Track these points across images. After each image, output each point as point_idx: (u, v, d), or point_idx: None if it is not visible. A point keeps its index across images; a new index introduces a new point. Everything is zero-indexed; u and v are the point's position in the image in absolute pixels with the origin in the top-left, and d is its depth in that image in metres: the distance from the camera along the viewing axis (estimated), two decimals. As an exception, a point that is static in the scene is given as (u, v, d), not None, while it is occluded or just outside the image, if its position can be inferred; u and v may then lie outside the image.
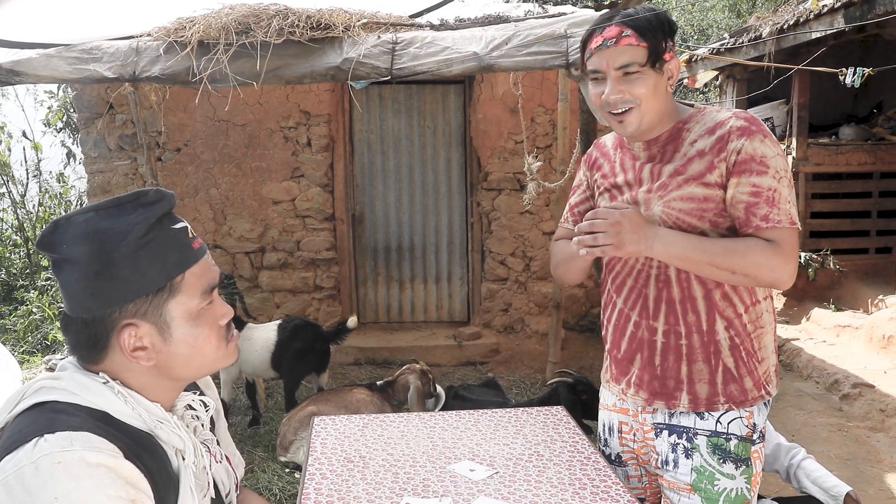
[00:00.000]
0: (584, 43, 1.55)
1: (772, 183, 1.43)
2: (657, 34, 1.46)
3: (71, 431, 0.94)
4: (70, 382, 1.02)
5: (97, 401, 1.01)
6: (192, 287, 1.07)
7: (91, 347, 1.04)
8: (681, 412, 1.57)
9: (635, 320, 1.61)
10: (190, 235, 1.09)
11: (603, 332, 1.75)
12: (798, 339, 5.73)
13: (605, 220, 1.41)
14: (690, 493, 1.56)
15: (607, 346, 1.72)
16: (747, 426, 1.55)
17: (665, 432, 1.60)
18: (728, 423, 1.54)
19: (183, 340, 1.07)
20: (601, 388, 1.80)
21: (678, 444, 1.58)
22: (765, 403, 1.58)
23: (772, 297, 1.61)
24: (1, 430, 0.99)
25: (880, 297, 5.92)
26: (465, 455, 1.65)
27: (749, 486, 1.55)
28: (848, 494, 2.03)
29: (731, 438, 1.54)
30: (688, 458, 1.56)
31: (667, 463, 1.60)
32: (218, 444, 1.30)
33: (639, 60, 1.46)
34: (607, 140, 1.73)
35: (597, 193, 1.71)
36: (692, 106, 1.59)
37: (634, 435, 1.67)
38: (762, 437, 1.59)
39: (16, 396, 1.03)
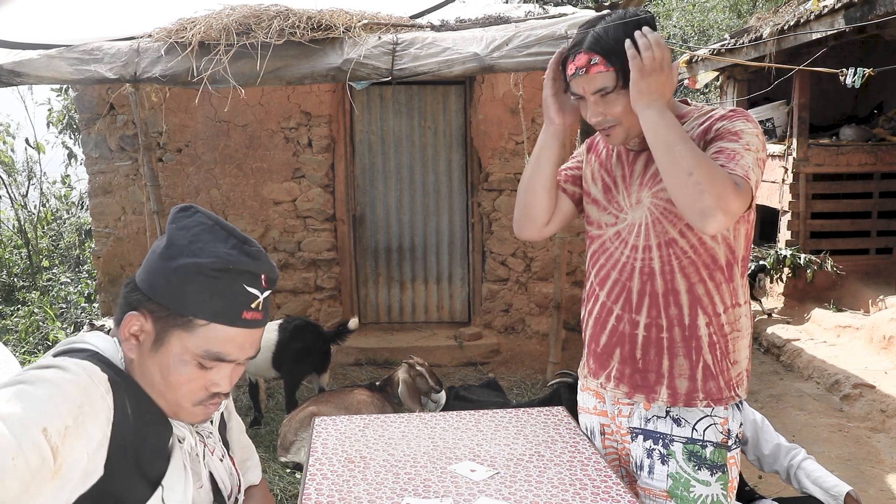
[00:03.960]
0: (564, 67, 1.57)
1: (737, 148, 1.43)
2: (624, 53, 1.45)
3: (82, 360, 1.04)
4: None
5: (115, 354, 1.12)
6: (206, 340, 1.07)
7: (119, 310, 1.11)
8: (657, 417, 1.59)
9: (617, 314, 1.62)
10: (254, 306, 1.09)
11: (582, 326, 1.75)
12: (798, 339, 5.73)
13: (663, 54, 1.42)
14: (667, 500, 1.57)
15: (586, 340, 1.73)
16: (722, 432, 1.56)
17: (640, 437, 1.61)
18: (704, 430, 1.55)
19: (161, 365, 1.08)
20: (579, 388, 1.80)
21: (654, 449, 1.59)
22: (737, 406, 1.59)
23: (749, 304, 1.63)
24: None
25: (881, 297, 5.92)
26: (466, 455, 1.65)
27: (725, 493, 1.56)
28: (848, 494, 2.03)
29: (706, 445, 1.55)
30: (664, 464, 1.57)
31: (641, 468, 1.61)
32: (226, 444, 1.31)
33: (610, 85, 1.48)
34: None
35: (591, 177, 1.72)
36: (687, 104, 1.62)
37: (615, 437, 1.70)
38: (738, 442, 1.60)
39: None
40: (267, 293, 1.11)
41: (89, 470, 0.97)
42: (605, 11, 1.59)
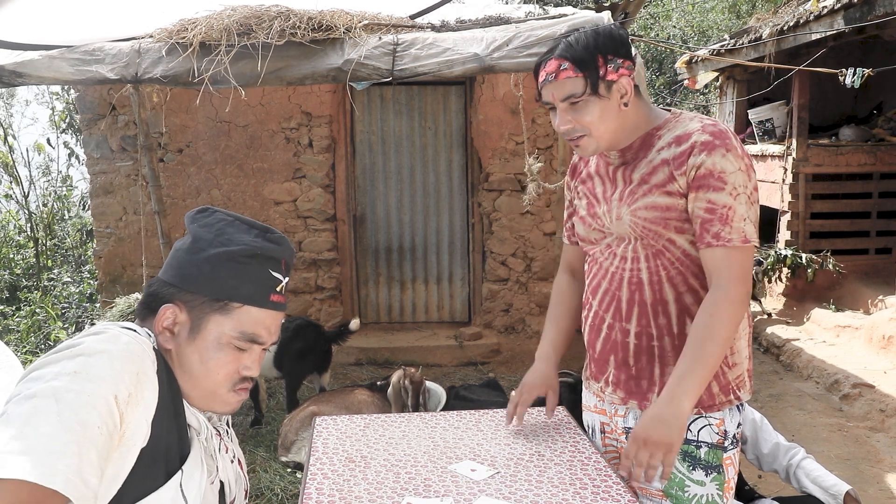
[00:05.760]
0: (536, 76, 1.57)
1: (727, 200, 1.44)
2: (594, 61, 1.46)
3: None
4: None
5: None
6: (240, 322, 1.13)
7: (145, 306, 1.15)
8: None
9: (609, 322, 1.65)
10: (279, 290, 1.17)
11: (582, 330, 1.79)
12: (798, 339, 5.74)
13: (635, 450, 1.45)
14: (662, 499, 1.58)
15: (586, 344, 1.77)
16: (717, 433, 1.57)
17: None
18: (698, 431, 1.56)
19: (201, 351, 1.12)
20: (582, 387, 1.84)
21: None
22: (737, 408, 1.59)
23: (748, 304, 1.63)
24: None
25: (880, 297, 5.93)
26: (467, 455, 1.66)
27: (721, 493, 1.56)
28: (848, 493, 2.03)
29: (700, 446, 1.56)
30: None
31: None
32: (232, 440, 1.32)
33: (578, 91, 1.48)
34: None
35: (577, 198, 1.74)
36: (669, 111, 1.60)
37: (614, 435, 1.72)
38: (735, 442, 1.60)
39: None
40: (286, 279, 1.18)
41: (146, 435, 1.01)
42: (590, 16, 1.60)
